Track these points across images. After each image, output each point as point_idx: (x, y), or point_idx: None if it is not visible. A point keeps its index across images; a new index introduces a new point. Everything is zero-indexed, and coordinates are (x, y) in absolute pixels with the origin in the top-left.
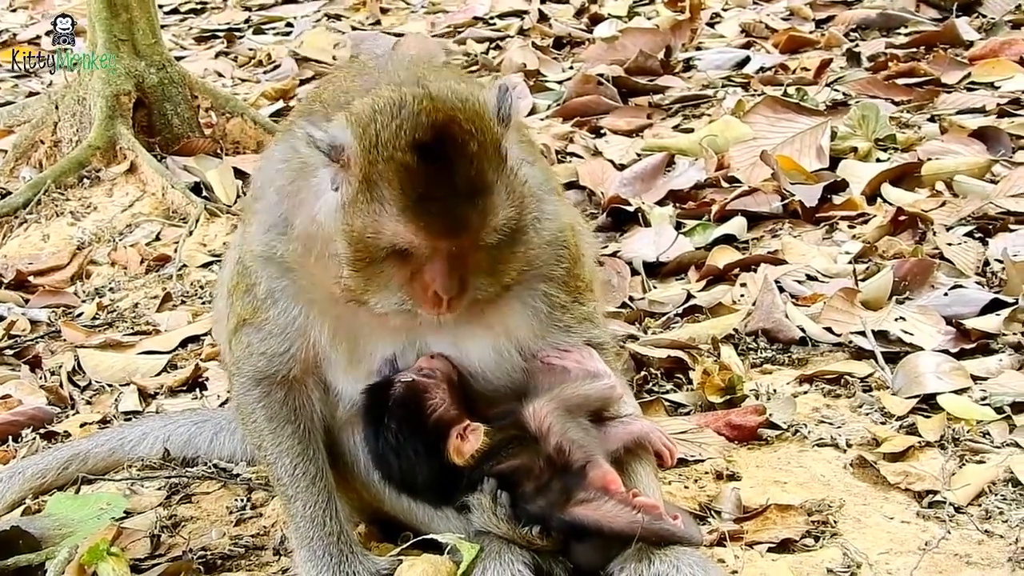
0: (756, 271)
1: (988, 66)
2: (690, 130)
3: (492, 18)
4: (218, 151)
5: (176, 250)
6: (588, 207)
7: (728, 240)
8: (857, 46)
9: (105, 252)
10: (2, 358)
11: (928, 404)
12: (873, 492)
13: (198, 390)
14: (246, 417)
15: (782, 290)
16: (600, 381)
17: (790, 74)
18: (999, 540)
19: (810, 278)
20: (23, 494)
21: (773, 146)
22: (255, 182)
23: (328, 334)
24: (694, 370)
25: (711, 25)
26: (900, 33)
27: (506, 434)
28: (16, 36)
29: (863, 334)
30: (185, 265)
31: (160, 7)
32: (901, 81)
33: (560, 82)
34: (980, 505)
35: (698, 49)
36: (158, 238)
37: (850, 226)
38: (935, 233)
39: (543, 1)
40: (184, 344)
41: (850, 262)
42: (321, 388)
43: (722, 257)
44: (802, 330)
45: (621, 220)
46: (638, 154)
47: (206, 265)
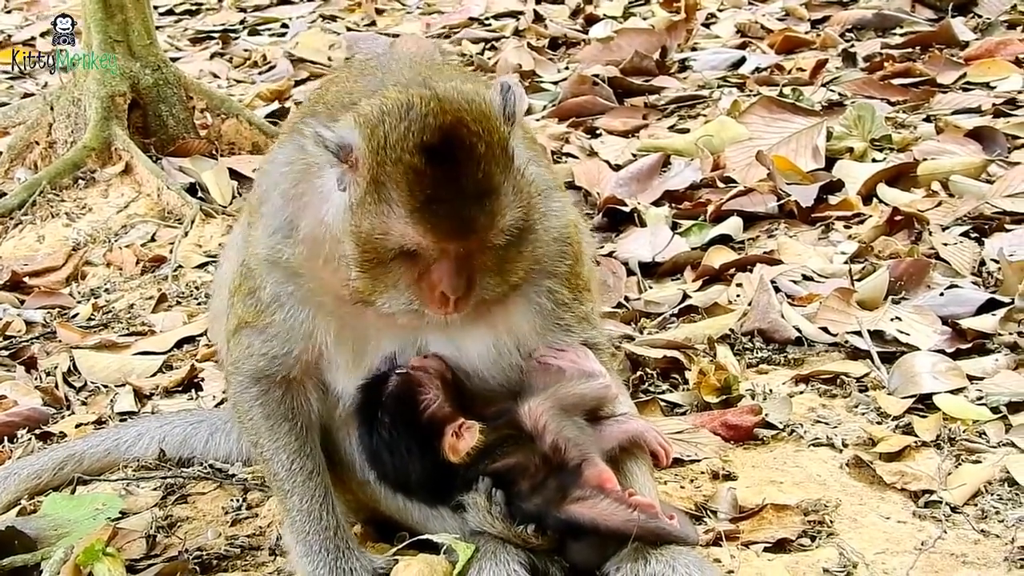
0: (752, 271)
1: (984, 66)
2: (686, 130)
3: (487, 19)
4: (213, 152)
5: (171, 251)
6: (584, 207)
7: (724, 240)
8: (853, 46)
9: (100, 253)
10: None
11: (924, 404)
12: (869, 492)
13: (194, 391)
14: (243, 415)
15: (778, 290)
16: (595, 381)
17: (786, 74)
18: (995, 540)
19: (806, 278)
20: (18, 495)
21: (769, 146)
22: (259, 186)
23: (333, 336)
24: (690, 370)
25: (707, 25)
26: (896, 33)
27: (501, 433)
28: (11, 37)
29: (859, 334)
30: (180, 266)
31: (155, 8)
32: (897, 81)
33: (556, 83)
34: (976, 505)
35: (694, 50)
36: (153, 239)
37: (846, 226)
38: (931, 233)
39: (538, 2)
40: (179, 345)
41: (846, 262)
42: (320, 388)
43: (718, 257)
44: (798, 330)
45: (617, 220)
46: (634, 154)
47: (201, 266)
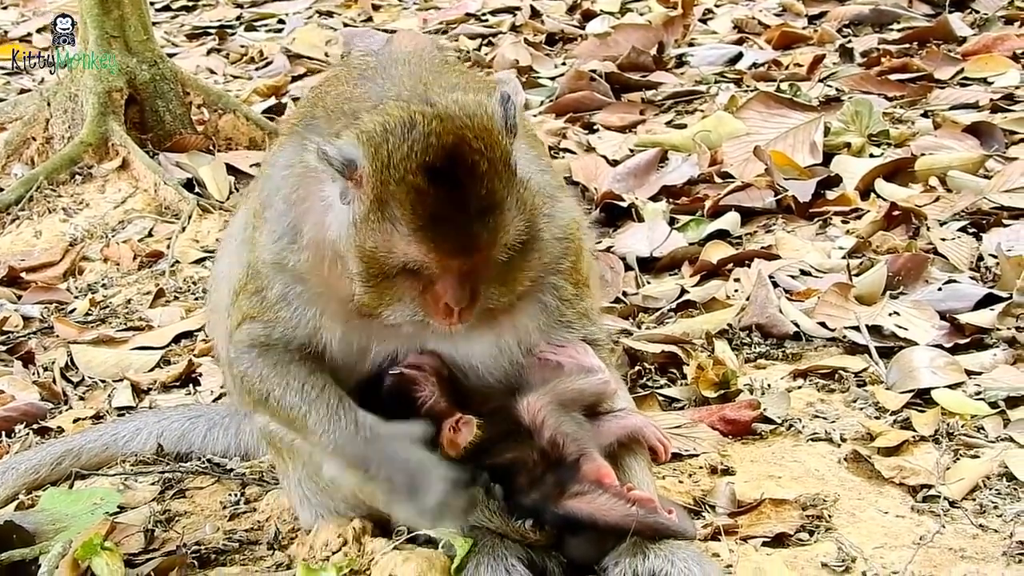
0: (750, 266)
1: (981, 62)
2: (683, 126)
3: (484, 14)
4: (210, 147)
5: (169, 246)
6: (581, 203)
7: (721, 235)
8: (850, 42)
9: (98, 248)
10: None
11: (922, 399)
12: (867, 486)
13: (191, 385)
14: (249, 380)
15: (776, 285)
16: (594, 376)
17: (783, 70)
18: (993, 534)
19: (804, 273)
20: (16, 489)
21: (766, 141)
22: (262, 190)
23: (338, 336)
24: (688, 365)
25: (703, 21)
26: (893, 29)
27: (499, 428)
28: (7, 33)
29: (857, 329)
30: (178, 261)
31: (152, 4)
32: (894, 77)
33: (553, 78)
34: (974, 499)
35: (691, 45)
36: (151, 234)
37: (844, 221)
38: (929, 228)
39: None
40: (177, 340)
41: (844, 257)
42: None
43: (715, 252)
44: (796, 325)
45: (614, 216)
46: (631, 150)
47: (199, 261)
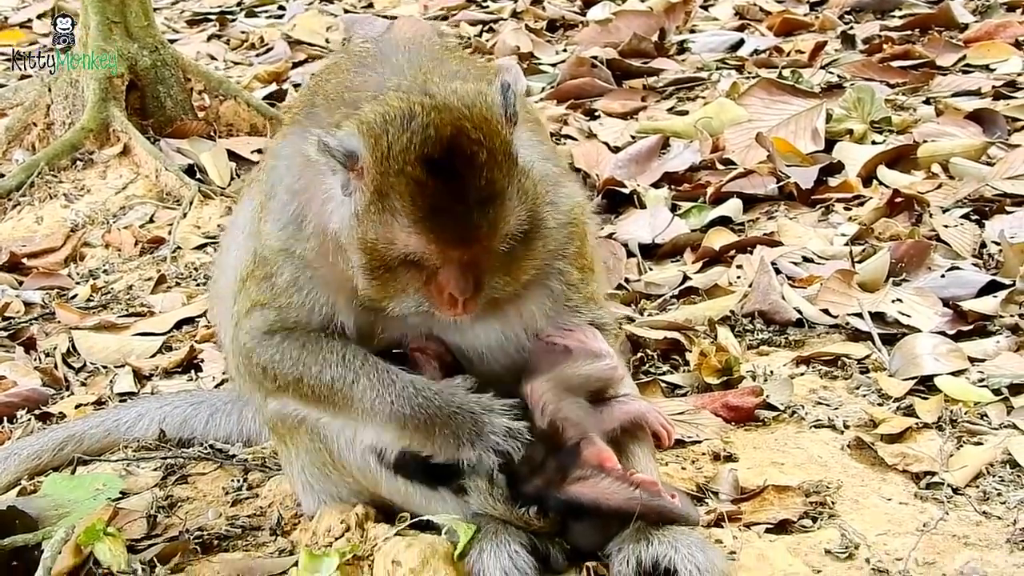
0: (752, 253)
1: (983, 48)
2: (684, 112)
3: (485, 0)
4: (211, 133)
5: (170, 232)
6: (583, 189)
7: (724, 222)
8: (852, 28)
9: (99, 234)
10: None
11: (925, 386)
12: (871, 473)
13: (193, 371)
14: (277, 365)
15: (778, 272)
16: (601, 362)
17: (784, 57)
18: (997, 521)
19: (806, 260)
20: (19, 475)
21: (768, 128)
22: (267, 180)
23: (351, 322)
24: (691, 351)
25: (705, 8)
26: (895, 15)
27: None
28: (7, 19)
29: (860, 316)
30: (179, 247)
31: None
32: (896, 63)
33: (554, 65)
34: (978, 486)
35: (692, 32)
36: (152, 220)
37: (846, 208)
38: (931, 215)
39: None
40: (179, 326)
41: (846, 244)
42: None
43: (718, 239)
44: (799, 312)
45: (616, 202)
46: (632, 136)
47: (200, 247)
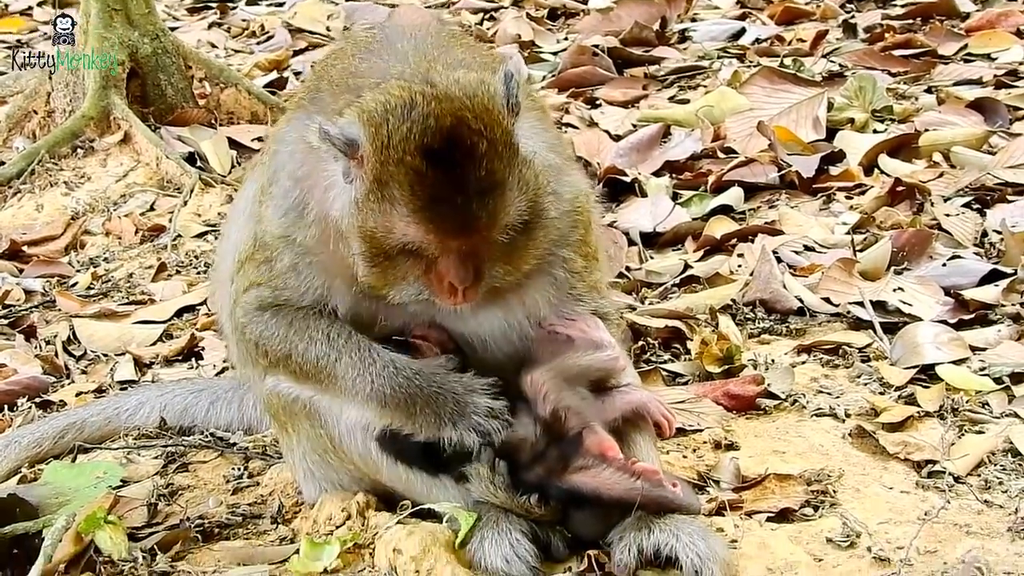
0: (753, 241)
1: (985, 37)
2: (686, 101)
3: None
4: (212, 121)
5: (171, 220)
6: (587, 177)
7: (725, 211)
8: (853, 17)
9: (99, 222)
10: None
11: (927, 374)
12: (872, 462)
13: (194, 359)
14: (266, 341)
15: (779, 260)
16: (603, 352)
17: (786, 45)
18: (999, 510)
19: (807, 249)
20: (19, 463)
21: (770, 117)
22: (269, 165)
23: (347, 308)
24: (692, 340)
25: None
26: (896, 4)
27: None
28: (8, 7)
29: (861, 304)
30: (180, 235)
31: None
32: (898, 52)
33: (555, 53)
34: (979, 475)
35: (693, 20)
36: (152, 208)
37: (847, 197)
38: (933, 204)
39: None
40: (179, 314)
41: (848, 232)
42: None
43: (719, 228)
44: (800, 300)
45: (617, 191)
46: (634, 125)
47: (201, 235)
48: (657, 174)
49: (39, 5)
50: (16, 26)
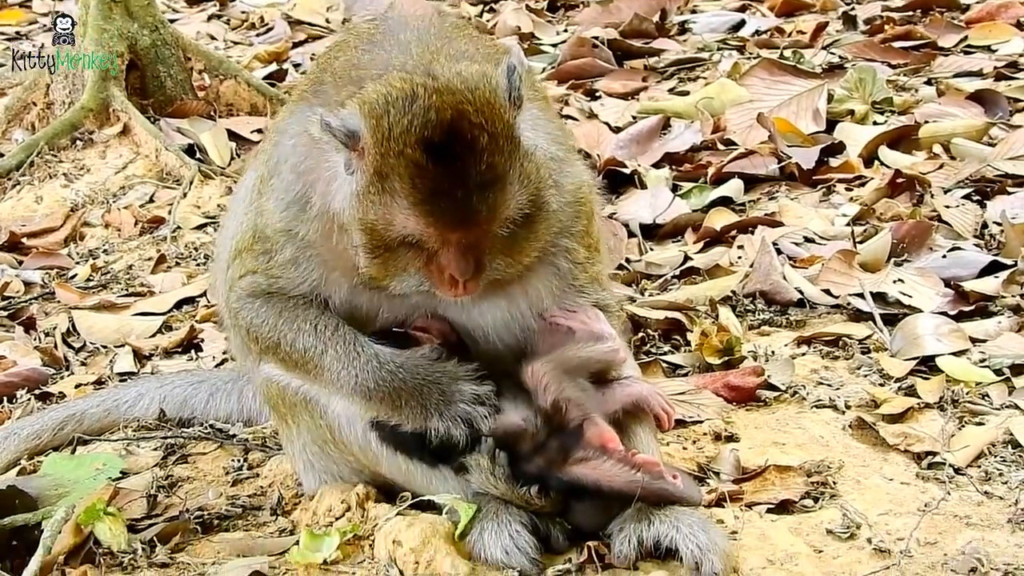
0: (753, 233)
1: (985, 29)
2: (686, 93)
3: None
4: (211, 113)
5: (170, 212)
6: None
7: (725, 202)
8: (853, 9)
9: (99, 214)
10: None
11: (927, 366)
12: (872, 453)
13: (193, 351)
14: (257, 329)
15: (779, 252)
16: (604, 344)
17: (786, 37)
18: (999, 501)
19: (807, 240)
20: (19, 454)
21: (770, 108)
22: (271, 157)
23: (346, 299)
24: (692, 331)
25: None
26: None
27: (506, 393)
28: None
29: (861, 296)
30: (179, 227)
31: None
32: (898, 44)
33: (555, 45)
34: (979, 466)
35: (693, 12)
36: (152, 200)
37: (847, 188)
38: (933, 196)
39: None
40: (179, 306)
41: (848, 224)
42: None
43: (719, 219)
44: (800, 292)
45: (617, 182)
46: (634, 117)
47: (200, 227)
48: (657, 166)
49: None
50: (15, 18)
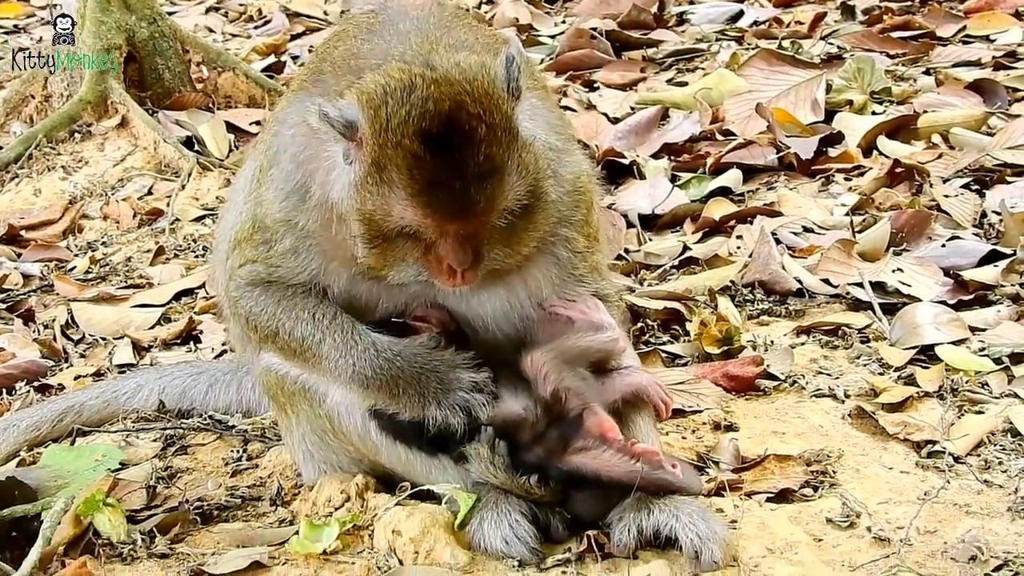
0: (752, 223)
1: (983, 19)
2: (684, 84)
3: None
4: (210, 105)
5: (168, 204)
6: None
7: (723, 192)
8: None
9: (97, 206)
10: None
11: (926, 355)
12: (872, 442)
13: (192, 343)
14: (256, 317)
15: (778, 242)
16: (603, 333)
17: (784, 28)
18: (998, 490)
19: (807, 230)
20: (18, 446)
21: (768, 99)
22: (271, 146)
23: (345, 288)
24: (691, 321)
25: None
26: None
27: (505, 383)
28: None
29: (860, 285)
30: (178, 219)
31: None
32: (896, 34)
33: (553, 36)
34: (979, 455)
35: (691, 3)
36: (150, 192)
37: (846, 178)
38: (932, 185)
39: None
40: (178, 297)
41: (847, 214)
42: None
43: (718, 209)
44: (799, 281)
45: (616, 173)
46: (632, 107)
47: (199, 219)
48: (656, 156)
49: None
50: (13, 11)
